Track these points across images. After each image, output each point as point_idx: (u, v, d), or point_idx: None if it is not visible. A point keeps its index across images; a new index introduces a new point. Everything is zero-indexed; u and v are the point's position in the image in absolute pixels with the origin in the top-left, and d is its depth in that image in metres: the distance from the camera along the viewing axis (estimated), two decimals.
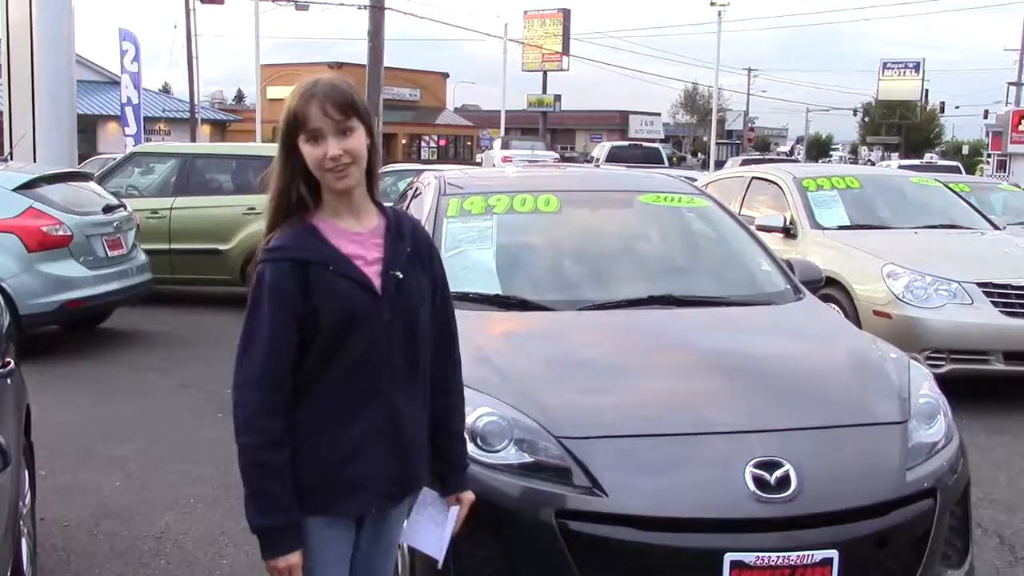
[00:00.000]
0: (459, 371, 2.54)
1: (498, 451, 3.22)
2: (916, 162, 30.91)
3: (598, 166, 24.02)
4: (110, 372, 7.80)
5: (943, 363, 6.73)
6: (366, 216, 2.31)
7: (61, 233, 8.04)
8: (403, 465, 2.32)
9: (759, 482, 3.06)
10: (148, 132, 29.14)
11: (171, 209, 10.77)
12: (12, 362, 3.58)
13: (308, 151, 2.20)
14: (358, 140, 2.21)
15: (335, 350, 2.21)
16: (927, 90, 69.61)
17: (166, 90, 54.71)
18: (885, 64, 67.42)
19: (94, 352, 8.55)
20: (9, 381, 3.47)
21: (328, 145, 2.18)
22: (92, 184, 9.54)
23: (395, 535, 2.50)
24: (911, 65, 66.85)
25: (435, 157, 57.57)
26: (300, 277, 2.19)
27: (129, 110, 24.44)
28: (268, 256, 2.22)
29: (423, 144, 62.12)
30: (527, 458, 3.20)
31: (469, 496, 2.54)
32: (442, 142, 63.70)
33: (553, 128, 68.62)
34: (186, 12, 34.92)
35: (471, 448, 3.19)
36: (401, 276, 2.27)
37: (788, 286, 4.59)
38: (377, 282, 2.25)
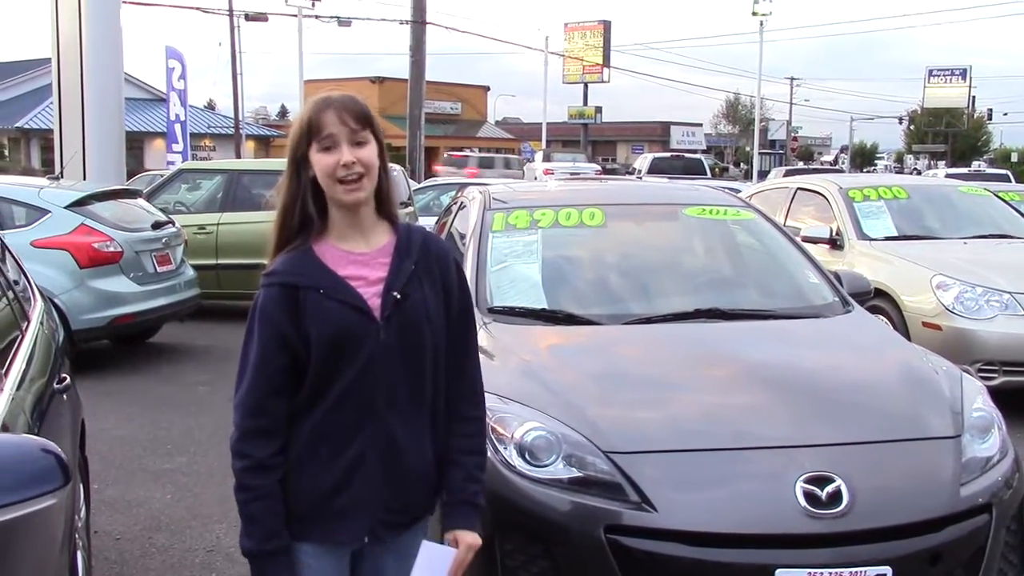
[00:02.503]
0: (477, 399, 2.35)
1: (547, 466, 3.22)
2: (964, 171, 30.48)
3: (640, 178, 23.98)
4: (159, 387, 7.91)
5: (995, 375, 6.63)
6: (374, 235, 2.24)
7: (112, 249, 8.18)
8: (401, 493, 2.21)
9: (810, 497, 3.04)
10: (194, 148, 29.53)
11: (218, 225, 10.91)
12: (68, 377, 3.65)
13: (320, 159, 2.14)
14: (371, 152, 2.16)
15: (328, 374, 2.15)
16: (974, 97, 68.78)
17: (211, 107, 55.48)
18: (931, 71, 66.74)
19: (143, 367, 8.68)
20: (66, 396, 3.53)
21: (342, 152, 2.13)
22: (141, 201, 9.70)
23: (407, 567, 2.28)
24: (958, 72, 66.11)
25: None
26: (289, 302, 2.14)
27: (177, 127, 24.78)
28: (263, 281, 2.20)
29: None
30: (576, 473, 3.20)
31: (469, 538, 2.25)
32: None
33: (594, 140, 68.68)
34: (231, 30, 35.40)
35: (520, 463, 3.21)
36: (399, 296, 2.18)
37: (836, 298, 4.56)
38: (375, 303, 2.17)
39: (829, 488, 3.05)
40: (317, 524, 2.19)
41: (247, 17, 35.47)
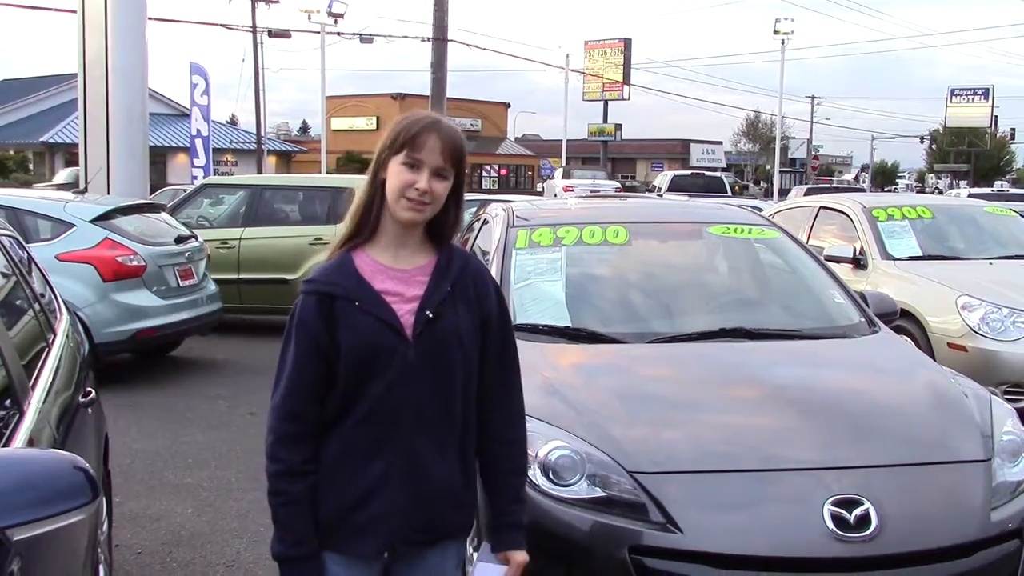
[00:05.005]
0: (517, 422, 2.37)
1: (570, 485, 3.20)
2: (987, 190, 30.28)
3: (661, 196, 23.93)
4: (180, 400, 7.92)
5: (1022, 398, 6.54)
6: (418, 254, 2.27)
7: (135, 263, 8.22)
8: (424, 511, 2.22)
9: (838, 520, 3.01)
10: (216, 163, 29.75)
11: (240, 239, 10.95)
12: (93, 391, 3.66)
13: (398, 173, 2.17)
14: (445, 188, 2.20)
15: (356, 387, 2.17)
16: (997, 116, 68.60)
17: (233, 122, 55.86)
18: (953, 91, 66.63)
19: (164, 380, 8.70)
20: (90, 410, 3.53)
21: (422, 177, 2.15)
22: (164, 215, 9.75)
23: None
24: (980, 91, 65.98)
25: (496, 187, 57.94)
26: (325, 311, 2.17)
27: (199, 142, 25.00)
28: (302, 288, 2.23)
29: (484, 174, 62.59)
30: (600, 493, 3.17)
31: (519, 557, 2.34)
32: (503, 172, 64.11)
33: (614, 157, 68.73)
34: (254, 46, 35.72)
35: (543, 482, 3.19)
36: (432, 316, 2.20)
37: (862, 319, 4.52)
38: (408, 320, 2.19)
39: (857, 511, 3.02)
40: (338, 536, 2.21)
41: (270, 34, 35.79)
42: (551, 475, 3.22)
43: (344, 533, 2.21)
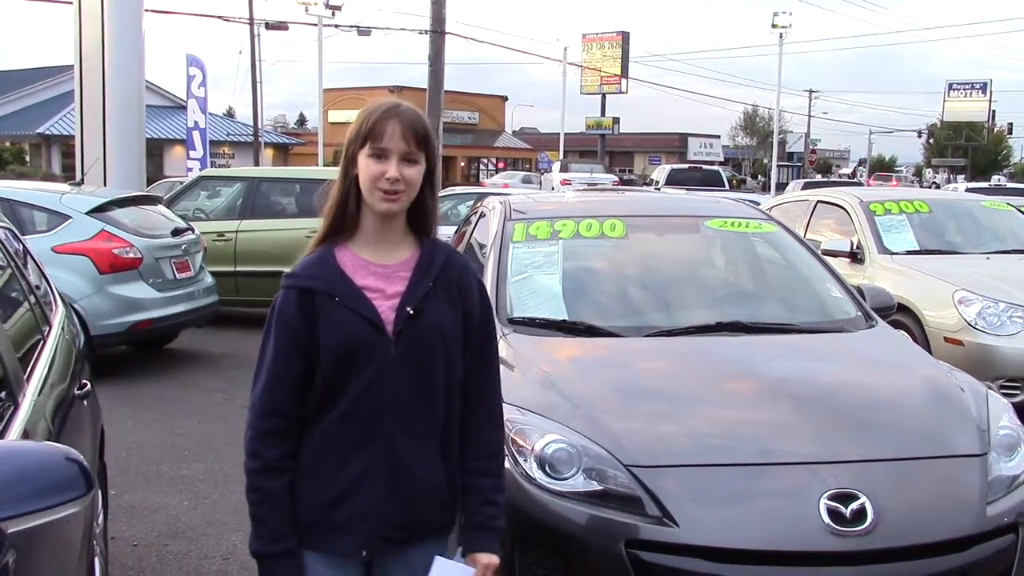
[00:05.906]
0: (492, 421, 2.32)
1: (566, 479, 3.20)
2: (984, 185, 30.29)
3: (658, 189, 23.92)
4: (176, 392, 7.92)
5: (1018, 392, 6.55)
6: (399, 249, 2.24)
7: (131, 255, 8.21)
8: (405, 509, 2.19)
9: (834, 515, 3.01)
10: (212, 156, 29.71)
11: (237, 232, 10.94)
12: (88, 384, 3.65)
13: (367, 165, 2.15)
14: (417, 172, 2.18)
15: (336, 384, 2.15)
16: (994, 111, 68.76)
17: (230, 114, 55.75)
18: (951, 85, 66.77)
19: (161, 373, 8.69)
20: (86, 403, 3.53)
21: (391, 166, 2.13)
22: (161, 207, 9.73)
23: None
24: (978, 86, 66.13)
25: None
26: (305, 306, 2.15)
27: (196, 134, 24.98)
28: (283, 283, 2.21)
29: (481, 167, 62.56)
30: (596, 486, 3.17)
31: (485, 559, 2.24)
32: (500, 165, 64.04)
33: (611, 151, 68.69)
34: (251, 38, 35.61)
35: (540, 475, 3.19)
36: (413, 312, 2.17)
37: (859, 313, 4.52)
38: (389, 317, 2.16)
39: (853, 505, 3.02)
40: (317, 534, 2.19)
41: (267, 26, 35.69)
42: (547, 468, 3.22)
43: (324, 531, 2.18)
